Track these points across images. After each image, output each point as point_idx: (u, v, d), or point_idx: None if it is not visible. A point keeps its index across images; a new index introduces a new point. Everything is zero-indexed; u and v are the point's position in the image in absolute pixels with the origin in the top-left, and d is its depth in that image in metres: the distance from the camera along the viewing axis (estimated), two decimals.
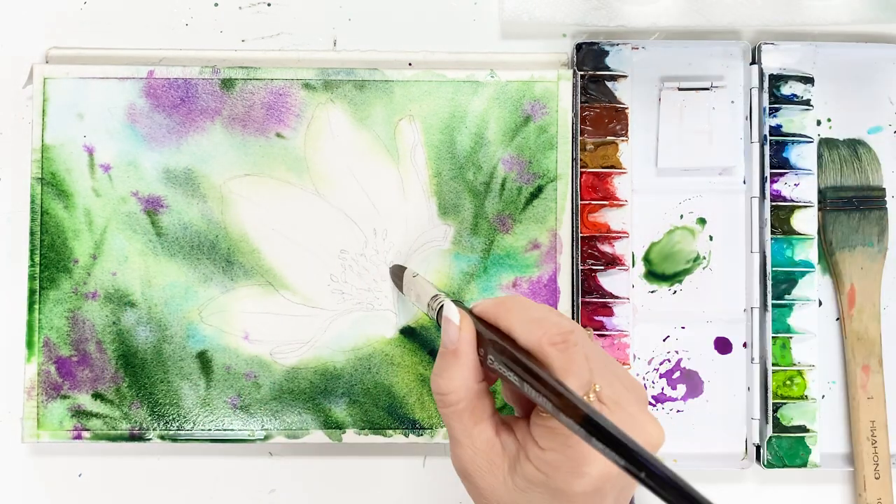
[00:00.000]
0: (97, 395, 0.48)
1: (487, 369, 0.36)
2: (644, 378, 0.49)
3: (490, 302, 0.37)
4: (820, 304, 0.50)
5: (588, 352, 0.35)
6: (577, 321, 0.48)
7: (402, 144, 0.49)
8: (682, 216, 0.50)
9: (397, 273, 0.47)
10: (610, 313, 0.49)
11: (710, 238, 0.50)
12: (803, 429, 0.48)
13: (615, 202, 0.49)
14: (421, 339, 0.48)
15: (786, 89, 0.49)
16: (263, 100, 0.48)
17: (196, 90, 0.48)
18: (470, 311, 0.37)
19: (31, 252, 0.48)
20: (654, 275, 0.50)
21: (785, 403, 0.49)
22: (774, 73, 0.49)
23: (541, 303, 0.37)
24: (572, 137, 0.49)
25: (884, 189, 0.50)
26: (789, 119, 0.49)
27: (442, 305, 0.39)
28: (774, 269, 0.49)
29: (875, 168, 0.50)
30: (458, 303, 0.39)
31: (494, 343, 0.35)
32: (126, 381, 0.48)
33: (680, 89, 0.49)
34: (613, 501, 0.35)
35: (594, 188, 0.49)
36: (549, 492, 0.34)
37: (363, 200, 0.49)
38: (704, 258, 0.50)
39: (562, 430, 0.33)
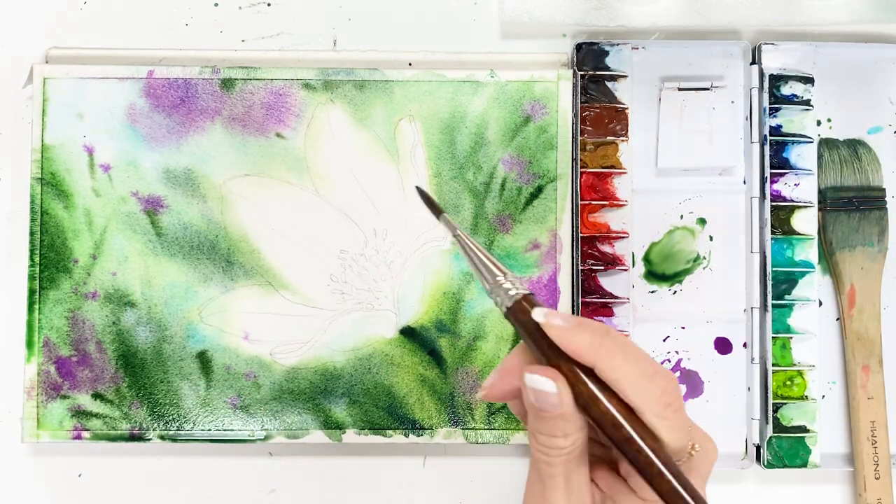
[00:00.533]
0: (97, 396, 0.48)
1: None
2: None
3: (582, 339, 0.31)
4: (820, 304, 0.50)
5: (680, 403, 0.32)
6: None
7: (402, 144, 0.49)
8: (682, 216, 0.50)
9: (431, 203, 0.39)
10: (610, 313, 0.49)
11: (711, 238, 0.50)
12: (803, 429, 0.48)
13: (615, 202, 0.49)
14: (421, 340, 0.48)
15: (786, 89, 0.49)
16: (263, 100, 0.48)
17: (196, 90, 0.48)
18: (544, 331, 0.32)
19: (31, 252, 0.48)
20: (654, 275, 0.50)
21: (785, 403, 0.49)
22: (774, 74, 0.49)
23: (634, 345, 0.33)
24: (572, 137, 0.49)
25: (884, 189, 0.50)
26: (789, 119, 0.49)
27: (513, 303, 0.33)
28: (774, 269, 0.49)
29: (875, 168, 0.50)
30: (522, 305, 0.33)
31: (588, 397, 0.32)
32: (126, 382, 0.48)
33: (680, 89, 0.49)
34: None
35: (594, 188, 0.49)
36: None
37: (363, 200, 0.49)
38: (704, 258, 0.50)
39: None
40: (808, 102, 0.49)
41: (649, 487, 0.31)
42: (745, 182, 0.50)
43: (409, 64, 0.50)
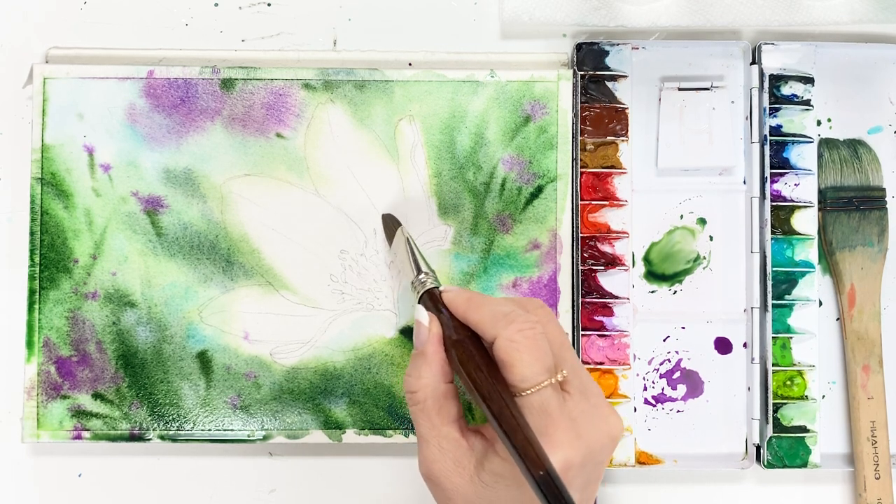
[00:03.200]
0: (97, 396, 0.48)
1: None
2: (644, 378, 0.49)
3: (461, 298, 0.39)
4: (820, 304, 0.50)
5: (556, 342, 0.37)
6: (577, 321, 0.48)
7: (402, 144, 0.49)
8: (682, 216, 0.50)
9: (389, 225, 0.47)
10: (610, 313, 0.49)
11: (711, 238, 0.50)
12: (803, 429, 0.48)
13: (615, 202, 0.49)
14: None
15: (786, 89, 0.49)
16: (263, 100, 0.48)
17: (196, 90, 0.48)
18: (442, 304, 0.40)
19: (31, 252, 0.48)
20: (654, 275, 0.50)
21: (785, 403, 0.49)
22: (774, 73, 0.49)
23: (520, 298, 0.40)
24: (572, 137, 0.49)
25: (884, 189, 0.50)
26: (789, 119, 0.49)
27: (421, 296, 0.41)
28: (774, 269, 0.49)
29: (875, 168, 0.50)
30: (433, 292, 0.41)
31: (458, 348, 0.38)
32: (126, 382, 0.48)
33: (680, 89, 0.49)
34: (578, 494, 0.36)
35: (594, 188, 0.49)
36: (516, 483, 0.35)
37: (363, 200, 0.49)
38: (704, 258, 0.50)
39: (530, 405, 0.35)
40: (808, 102, 0.49)
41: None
42: (745, 182, 0.50)
43: (409, 64, 0.50)
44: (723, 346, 0.50)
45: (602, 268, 0.49)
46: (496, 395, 0.35)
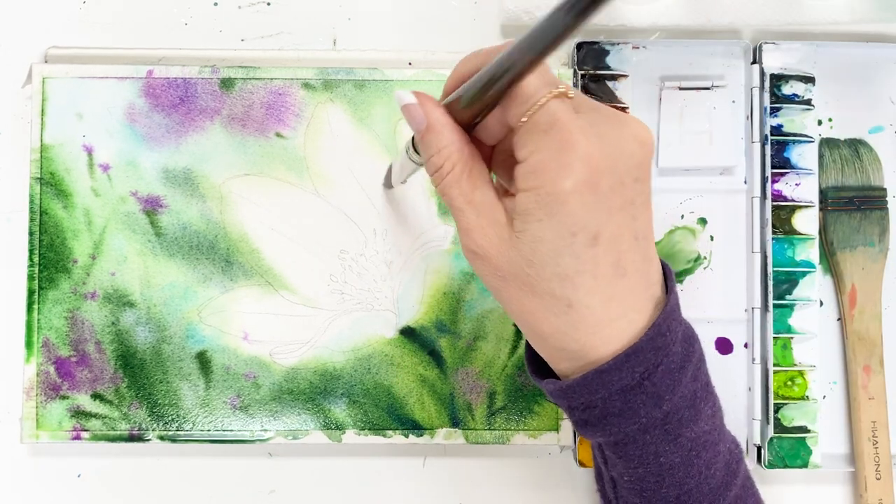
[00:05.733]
0: (96, 396, 0.48)
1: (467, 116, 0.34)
2: None
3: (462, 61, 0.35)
4: (821, 304, 0.50)
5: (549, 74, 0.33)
6: None
7: (401, 144, 0.48)
8: (682, 216, 0.50)
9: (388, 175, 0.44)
10: None
11: (711, 238, 0.50)
12: (804, 429, 0.48)
13: None
14: (421, 340, 0.48)
15: (787, 89, 0.49)
16: (263, 99, 0.48)
17: (195, 90, 0.48)
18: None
19: (31, 252, 0.48)
20: None
21: (786, 404, 0.48)
22: (775, 73, 0.49)
23: None
24: None
25: (885, 189, 0.50)
26: (790, 119, 0.49)
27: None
28: (775, 269, 0.49)
29: (876, 168, 0.50)
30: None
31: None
32: (125, 382, 0.48)
33: (681, 89, 0.49)
34: (629, 227, 0.32)
35: None
36: (547, 212, 0.31)
37: (363, 200, 0.48)
38: (705, 258, 0.50)
39: (538, 126, 0.31)
40: (808, 102, 0.49)
41: (524, 142, 0.31)
42: (745, 182, 0.50)
43: (409, 64, 0.50)
44: (723, 346, 0.50)
45: None
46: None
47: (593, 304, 0.32)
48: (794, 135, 0.49)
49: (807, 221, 0.49)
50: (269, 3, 0.50)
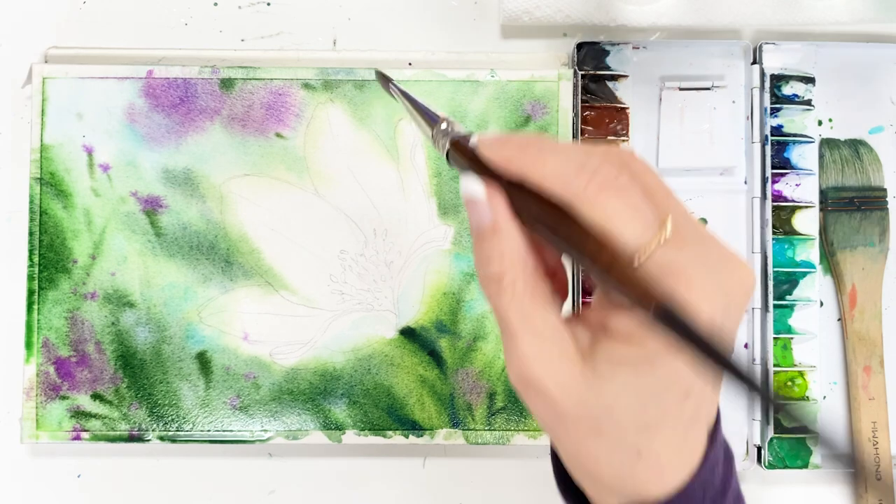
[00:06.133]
0: (96, 396, 0.47)
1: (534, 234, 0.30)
2: None
3: (510, 148, 0.29)
4: (821, 304, 0.50)
5: (652, 186, 0.29)
6: None
7: (401, 144, 0.48)
8: None
9: (382, 81, 0.38)
10: None
11: None
12: (805, 430, 0.48)
13: None
14: (421, 340, 0.48)
15: (787, 89, 0.49)
16: (263, 99, 0.48)
17: (195, 90, 0.48)
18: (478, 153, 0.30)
19: (30, 252, 0.48)
20: None
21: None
22: (775, 73, 0.49)
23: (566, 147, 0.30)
24: (573, 137, 0.49)
25: (885, 189, 0.50)
26: (790, 119, 0.49)
27: (448, 151, 0.32)
28: (776, 269, 0.49)
29: (876, 168, 0.50)
30: (460, 143, 0.31)
31: (529, 204, 0.29)
32: (125, 382, 0.48)
33: (681, 89, 0.49)
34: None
35: None
36: (648, 366, 0.28)
37: (363, 200, 0.48)
38: None
39: (656, 277, 0.27)
40: (809, 102, 0.49)
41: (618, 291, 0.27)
42: (746, 182, 0.50)
43: (409, 64, 0.50)
44: None
45: None
46: (602, 249, 0.27)
47: (666, 453, 0.29)
48: (795, 135, 0.49)
49: (807, 222, 0.49)
50: (269, 4, 0.50)
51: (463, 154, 0.31)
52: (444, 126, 0.32)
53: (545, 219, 0.28)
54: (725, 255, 0.29)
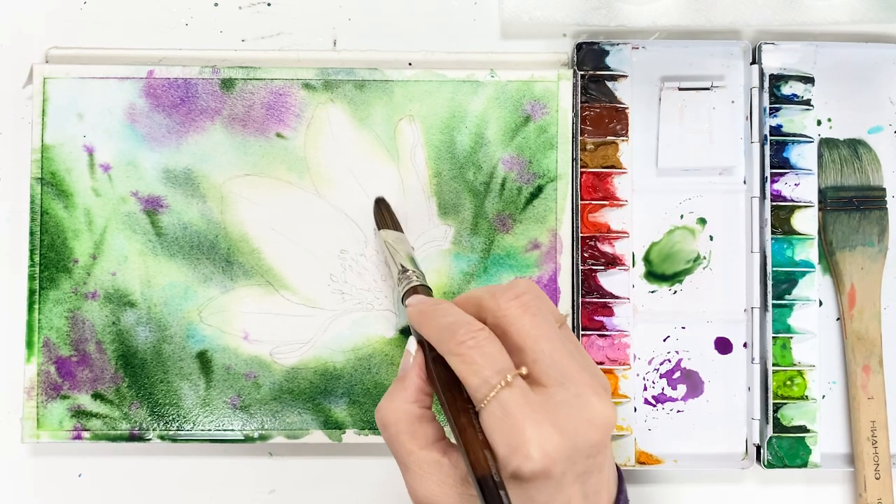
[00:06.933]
0: (97, 396, 0.48)
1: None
2: (644, 378, 0.49)
3: (414, 312, 0.38)
4: (820, 304, 0.50)
5: (523, 333, 0.35)
6: (578, 321, 0.48)
7: (402, 144, 0.49)
8: (682, 216, 0.50)
9: (376, 217, 0.48)
10: (610, 313, 0.49)
11: (711, 238, 0.50)
12: (804, 429, 0.48)
13: (615, 202, 0.49)
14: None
15: (786, 89, 0.49)
16: (263, 100, 0.48)
17: (196, 90, 0.48)
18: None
19: (31, 252, 0.48)
20: (654, 275, 0.50)
21: (785, 403, 0.48)
22: (775, 73, 0.49)
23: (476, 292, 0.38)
24: (572, 137, 0.49)
25: (884, 189, 0.50)
26: (790, 119, 0.49)
27: (405, 293, 0.42)
28: (775, 269, 0.49)
29: (875, 168, 0.50)
30: (418, 293, 0.42)
31: (436, 366, 0.36)
32: (126, 382, 0.48)
33: (680, 89, 0.49)
34: (580, 491, 0.34)
35: (594, 188, 0.49)
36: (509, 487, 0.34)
37: (363, 200, 0.49)
38: (705, 258, 0.50)
39: (493, 416, 0.33)
40: (808, 102, 0.49)
41: (487, 426, 0.34)
42: (745, 182, 0.50)
43: (409, 64, 0.50)
44: (723, 345, 0.50)
45: (602, 268, 0.49)
46: (455, 408, 0.35)
47: None
48: (794, 135, 0.49)
49: (806, 221, 0.49)
50: (269, 4, 0.51)
51: (405, 305, 0.41)
52: (404, 279, 0.42)
53: (435, 373, 0.36)
54: (582, 396, 0.34)
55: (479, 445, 0.33)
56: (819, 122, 0.50)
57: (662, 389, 0.50)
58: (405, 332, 0.48)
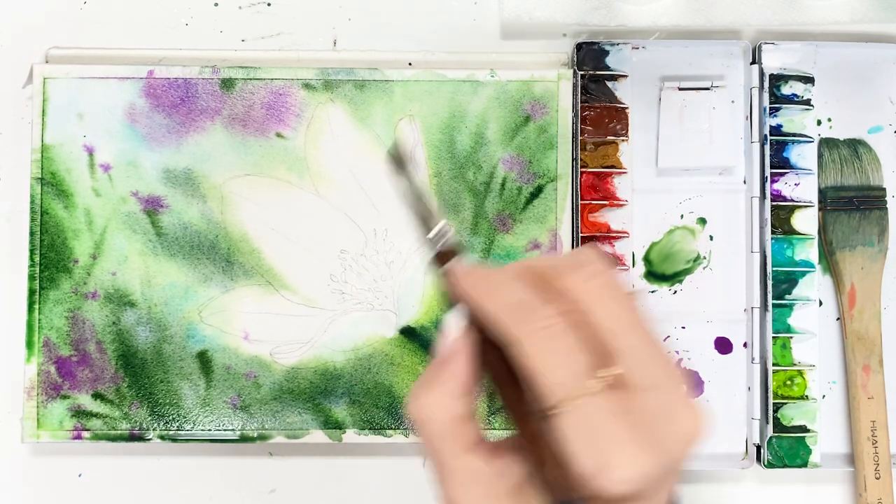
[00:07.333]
0: (97, 395, 0.48)
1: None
2: None
3: (471, 278, 0.30)
4: (820, 303, 0.50)
5: (605, 325, 0.28)
6: None
7: (402, 144, 0.49)
8: (682, 216, 0.50)
9: (396, 158, 0.34)
10: None
11: (711, 238, 0.50)
12: (804, 429, 0.48)
13: (615, 202, 0.49)
14: (421, 340, 0.48)
15: (786, 89, 0.49)
16: (263, 100, 0.48)
17: (196, 90, 0.48)
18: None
19: (31, 252, 0.48)
20: (654, 275, 0.50)
21: (785, 403, 0.48)
22: (775, 73, 0.49)
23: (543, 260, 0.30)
24: (572, 137, 0.49)
25: (884, 189, 0.50)
26: (789, 119, 0.49)
27: (439, 253, 0.32)
28: (775, 268, 0.49)
29: (875, 168, 0.50)
30: (445, 257, 0.32)
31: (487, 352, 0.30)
32: (126, 381, 0.48)
33: (680, 89, 0.49)
34: (657, 497, 0.29)
35: (594, 188, 0.49)
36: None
37: (363, 200, 0.49)
38: (705, 258, 0.50)
39: (574, 429, 0.27)
40: (808, 102, 0.49)
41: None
42: (745, 182, 0.50)
43: (409, 64, 0.50)
44: (723, 345, 0.50)
45: None
46: (519, 410, 0.29)
47: None
48: (794, 135, 0.49)
49: (806, 221, 0.49)
50: (269, 4, 0.51)
51: (441, 272, 0.32)
52: (440, 233, 0.32)
53: (490, 364, 0.30)
54: (673, 403, 0.28)
55: (560, 460, 0.27)
56: (819, 122, 0.50)
57: None
58: (405, 332, 0.48)
